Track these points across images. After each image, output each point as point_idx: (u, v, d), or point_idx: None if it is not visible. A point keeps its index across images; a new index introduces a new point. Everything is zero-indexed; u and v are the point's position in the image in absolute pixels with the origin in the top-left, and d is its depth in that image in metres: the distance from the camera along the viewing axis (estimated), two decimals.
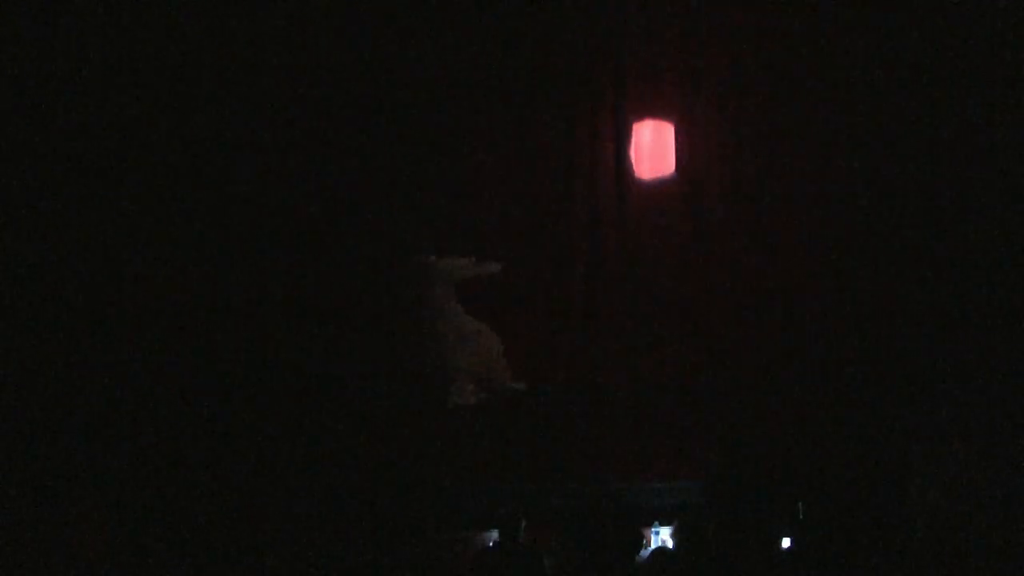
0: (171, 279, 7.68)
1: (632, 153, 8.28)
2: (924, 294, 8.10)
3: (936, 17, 8.05)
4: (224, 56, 7.73)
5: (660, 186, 8.32)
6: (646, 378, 8.14)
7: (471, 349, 7.72)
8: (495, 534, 5.42)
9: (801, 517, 4.91)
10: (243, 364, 7.70)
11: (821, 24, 8.15)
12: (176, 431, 6.95)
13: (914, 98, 8.15)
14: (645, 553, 5.13)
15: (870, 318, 8.18)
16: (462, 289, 8.01)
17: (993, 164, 8.13)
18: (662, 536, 5.43)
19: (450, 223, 8.11)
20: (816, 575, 4.70)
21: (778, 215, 8.28)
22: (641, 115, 8.28)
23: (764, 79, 8.22)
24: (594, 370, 7.99)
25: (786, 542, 5.20)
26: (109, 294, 7.57)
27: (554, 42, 8.08)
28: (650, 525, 5.47)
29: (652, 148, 8.29)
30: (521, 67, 8.08)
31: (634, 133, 8.28)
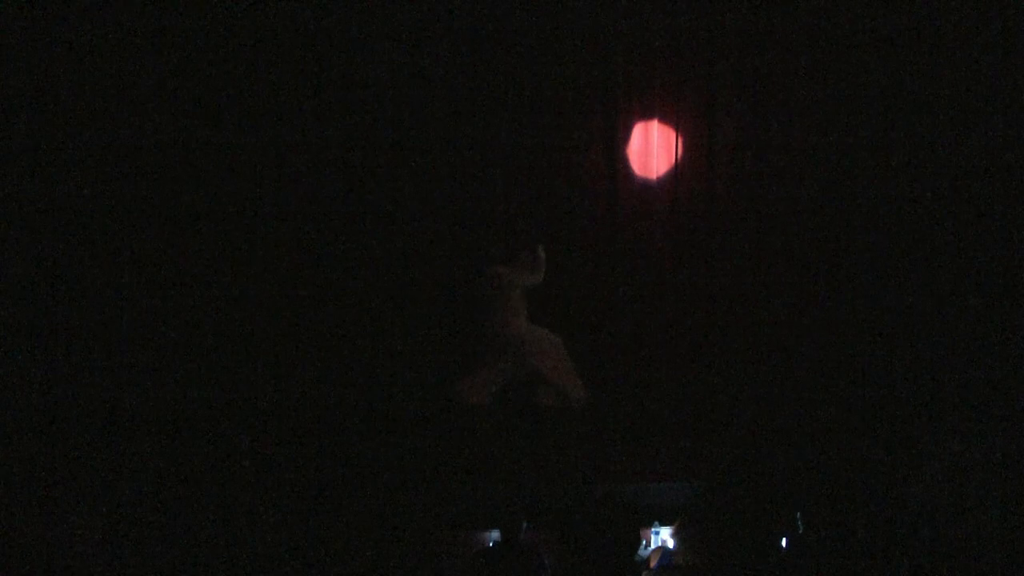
0: (179, 278, 7.69)
1: (630, 154, 8.29)
2: (924, 294, 8.11)
3: (927, 18, 8.06)
4: (228, 59, 7.74)
5: (659, 187, 8.33)
6: (646, 378, 8.16)
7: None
8: (495, 534, 5.42)
9: (800, 530, 4.90)
10: (244, 362, 7.71)
11: (821, 25, 8.17)
12: (177, 426, 6.97)
13: (913, 98, 8.16)
14: (645, 553, 5.13)
15: (870, 318, 8.20)
16: (460, 290, 8.02)
17: (993, 164, 8.14)
18: (662, 536, 5.42)
19: (449, 224, 8.12)
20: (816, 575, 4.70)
21: (780, 215, 8.30)
22: (640, 117, 8.29)
23: (764, 79, 8.24)
24: (594, 370, 8.00)
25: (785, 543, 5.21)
26: (116, 293, 7.58)
27: (553, 46, 8.09)
28: (650, 525, 5.46)
29: (650, 149, 8.30)
30: (520, 72, 8.09)
31: (632, 134, 8.29)
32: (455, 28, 7.96)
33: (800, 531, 4.88)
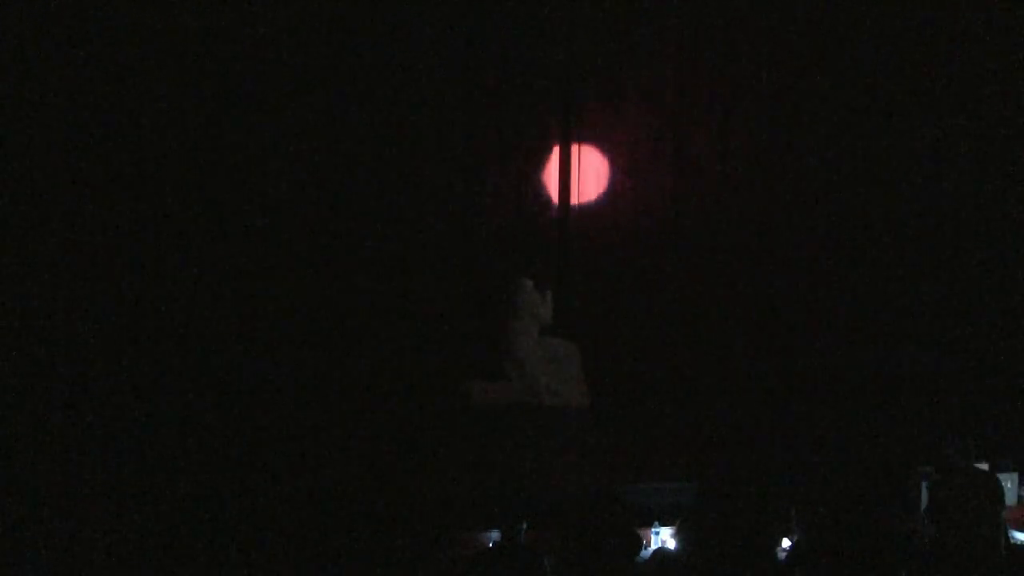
0: (186, 280, 7.69)
1: (628, 157, 8.30)
2: (925, 298, 8.13)
3: (920, 23, 8.07)
4: (225, 57, 7.74)
5: (658, 189, 8.34)
6: (646, 378, 8.17)
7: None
8: (495, 534, 5.42)
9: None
10: (247, 363, 7.72)
11: (821, 25, 8.18)
12: (181, 428, 6.98)
13: (909, 103, 8.18)
14: (645, 553, 5.13)
15: (871, 320, 8.21)
16: (459, 291, 8.03)
17: (994, 165, 8.15)
18: (662, 536, 5.43)
19: (447, 226, 8.12)
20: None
21: (780, 219, 8.31)
22: (637, 119, 8.30)
23: (762, 83, 8.25)
24: (594, 370, 8.00)
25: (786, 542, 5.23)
26: (117, 292, 7.58)
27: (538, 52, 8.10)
28: (650, 525, 5.47)
29: (649, 152, 8.31)
30: (500, 77, 8.09)
31: (631, 137, 8.30)
32: (461, 30, 7.97)
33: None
